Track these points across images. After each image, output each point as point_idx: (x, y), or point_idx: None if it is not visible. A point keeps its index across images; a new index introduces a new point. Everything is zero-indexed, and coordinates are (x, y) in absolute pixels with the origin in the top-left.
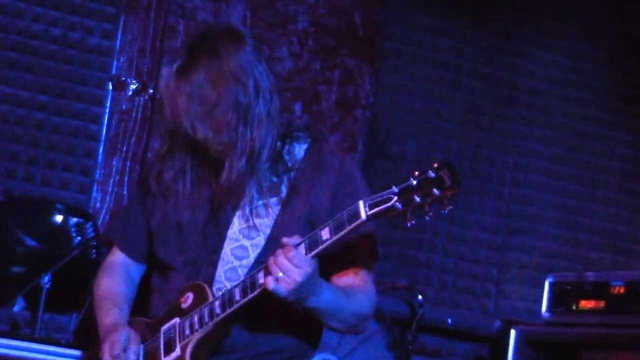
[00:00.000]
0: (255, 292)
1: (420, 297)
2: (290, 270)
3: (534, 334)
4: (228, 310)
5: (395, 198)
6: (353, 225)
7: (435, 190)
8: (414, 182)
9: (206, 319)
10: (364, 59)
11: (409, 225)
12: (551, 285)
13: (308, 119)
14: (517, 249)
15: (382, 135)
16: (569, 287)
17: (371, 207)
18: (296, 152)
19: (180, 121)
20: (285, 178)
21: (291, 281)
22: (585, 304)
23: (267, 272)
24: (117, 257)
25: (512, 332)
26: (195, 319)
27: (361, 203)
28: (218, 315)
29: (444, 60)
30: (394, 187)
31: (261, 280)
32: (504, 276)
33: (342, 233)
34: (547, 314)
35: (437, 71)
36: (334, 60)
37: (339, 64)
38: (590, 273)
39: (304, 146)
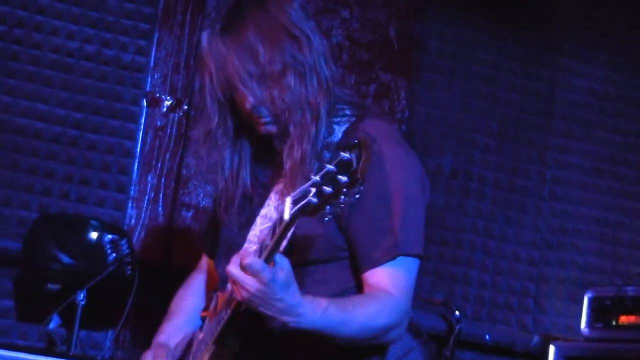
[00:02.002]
0: (231, 308)
1: (457, 312)
2: (242, 278)
3: (573, 350)
4: (219, 328)
5: (314, 190)
6: (281, 228)
7: (341, 177)
8: (332, 168)
9: (209, 336)
10: (399, 73)
11: (325, 220)
12: (590, 300)
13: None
14: (556, 263)
15: (419, 149)
16: (608, 302)
17: (294, 203)
18: (335, 134)
19: (231, 88)
20: (317, 165)
21: (244, 291)
22: (625, 320)
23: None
24: (201, 261)
25: (551, 348)
26: (206, 336)
27: (288, 200)
28: (212, 332)
29: (480, 74)
30: (312, 176)
31: (234, 294)
32: (542, 291)
33: (275, 237)
34: (586, 330)
35: (474, 84)
36: (369, 75)
37: (374, 78)
38: (630, 288)
39: (344, 127)
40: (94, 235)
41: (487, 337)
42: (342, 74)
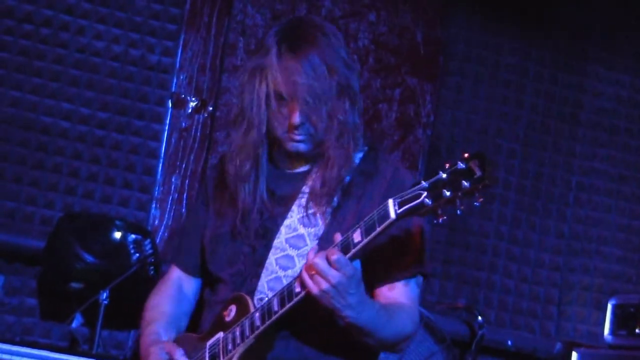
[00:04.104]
0: (292, 302)
1: (480, 318)
2: (328, 270)
3: (596, 357)
4: (267, 322)
5: (425, 194)
6: (383, 225)
7: (464, 183)
8: (444, 175)
9: (247, 332)
10: (425, 77)
11: (440, 221)
12: (614, 307)
13: (369, 137)
14: (580, 270)
15: (443, 154)
16: (632, 310)
17: (401, 205)
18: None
19: (289, 100)
20: (338, 186)
21: (325, 282)
22: None
23: (305, 269)
24: (171, 272)
25: (574, 355)
26: (237, 332)
27: (391, 202)
28: (258, 327)
29: (506, 79)
30: (423, 181)
31: (297, 289)
32: (565, 298)
33: (373, 234)
34: (609, 337)
35: (500, 89)
36: (395, 79)
37: (399, 82)
38: None
39: (359, 154)
40: (117, 235)
41: (509, 342)
42: (368, 77)
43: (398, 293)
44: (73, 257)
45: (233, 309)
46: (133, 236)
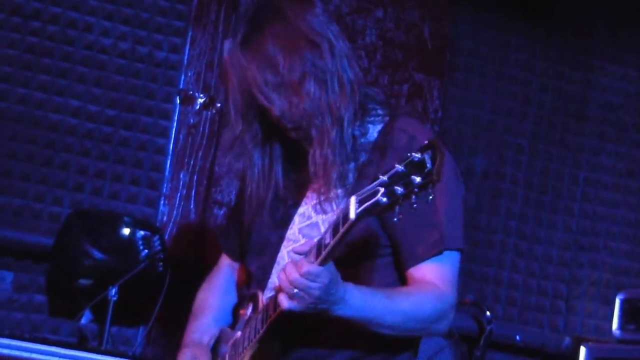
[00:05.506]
0: (278, 311)
1: (488, 313)
2: (307, 286)
3: (605, 352)
4: (265, 326)
5: (382, 190)
6: (346, 226)
7: (414, 178)
8: (400, 168)
9: (252, 335)
10: (432, 73)
11: (395, 220)
12: (622, 302)
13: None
14: (588, 265)
15: (451, 149)
16: None
17: (360, 203)
18: (369, 133)
19: (253, 97)
20: (353, 165)
21: (308, 296)
22: None
23: (280, 289)
24: (222, 261)
25: (582, 350)
26: (247, 334)
27: (353, 199)
28: (259, 331)
29: (513, 75)
30: (381, 176)
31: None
32: (573, 293)
33: (338, 236)
34: (618, 332)
35: (507, 85)
36: (403, 75)
37: (407, 78)
38: None
39: (379, 127)
40: (126, 231)
41: (518, 338)
42: (376, 73)
43: (426, 273)
44: (82, 254)
45: (250, 307)
46: (141, 232)
